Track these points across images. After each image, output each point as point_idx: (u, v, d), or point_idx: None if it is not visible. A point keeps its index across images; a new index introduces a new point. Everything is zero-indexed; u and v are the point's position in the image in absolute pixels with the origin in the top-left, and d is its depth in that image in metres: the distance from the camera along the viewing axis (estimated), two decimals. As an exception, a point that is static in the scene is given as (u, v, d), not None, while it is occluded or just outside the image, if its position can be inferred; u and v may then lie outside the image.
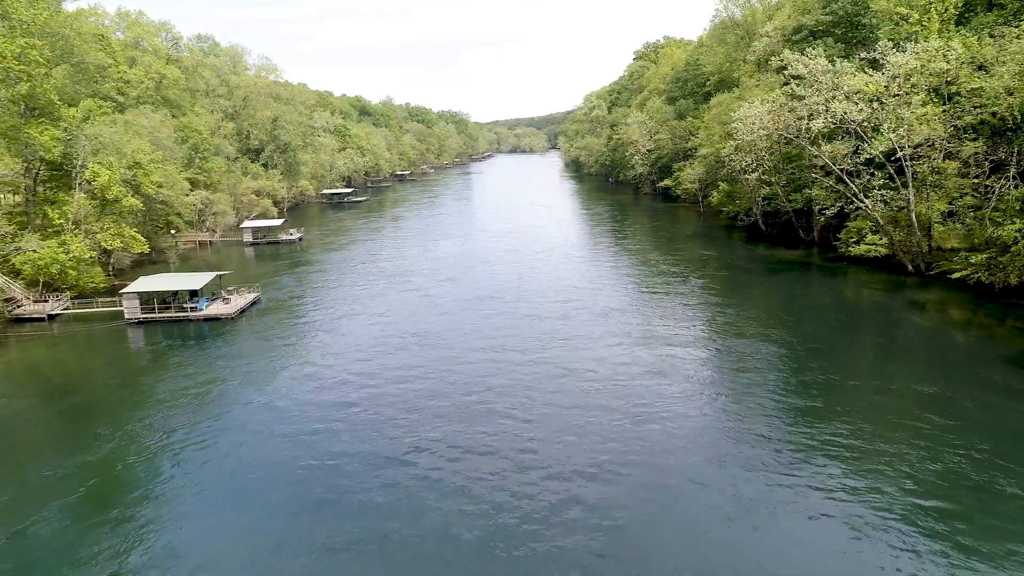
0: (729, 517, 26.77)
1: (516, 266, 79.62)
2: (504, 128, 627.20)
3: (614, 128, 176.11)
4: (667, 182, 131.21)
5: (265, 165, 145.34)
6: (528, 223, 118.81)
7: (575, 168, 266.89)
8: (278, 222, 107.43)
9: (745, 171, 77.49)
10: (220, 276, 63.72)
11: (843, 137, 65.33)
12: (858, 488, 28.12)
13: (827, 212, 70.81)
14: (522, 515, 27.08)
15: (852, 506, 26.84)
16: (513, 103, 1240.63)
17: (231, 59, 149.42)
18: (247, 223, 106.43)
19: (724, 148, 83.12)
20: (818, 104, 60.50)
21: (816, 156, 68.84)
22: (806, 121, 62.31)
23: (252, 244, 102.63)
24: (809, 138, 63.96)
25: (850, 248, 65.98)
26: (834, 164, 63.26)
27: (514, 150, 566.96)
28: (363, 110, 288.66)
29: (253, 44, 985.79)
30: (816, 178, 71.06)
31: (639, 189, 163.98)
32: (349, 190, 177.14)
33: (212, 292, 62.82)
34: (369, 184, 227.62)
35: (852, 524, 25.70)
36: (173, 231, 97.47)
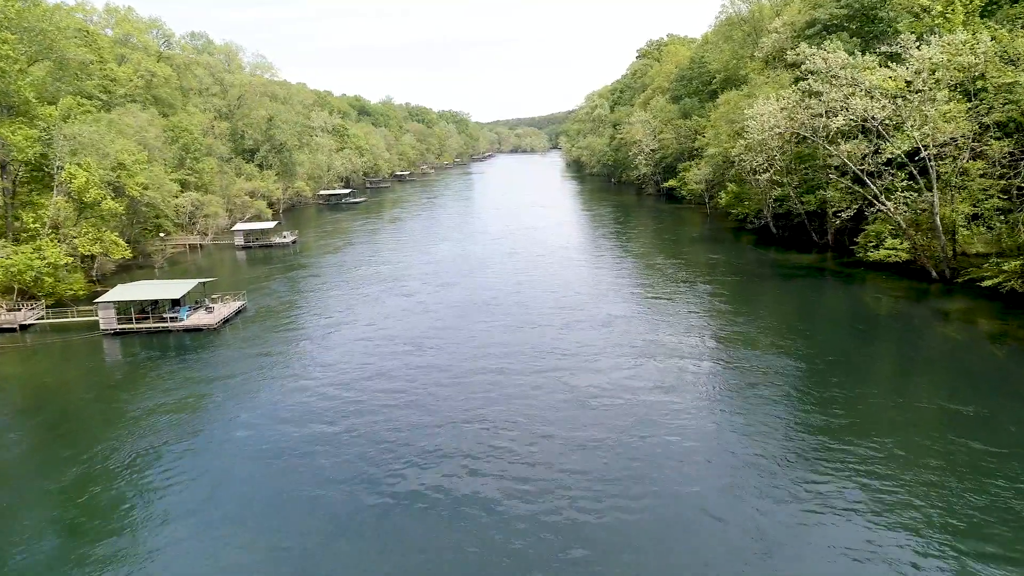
0: (749, 559, 23.64)
1: (516, 270, 76.53)
2: (505, 128, 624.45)
3: (617, 128, 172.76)
4: (672, 183, 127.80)
5: (260, 166, 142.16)
6: (529, 224, 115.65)
7: (577, 168, 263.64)
8: (270, 225, 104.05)
9: (756, 172, 74.10)
10: (204, 283, 60.39)
11: (859, 136, 62.05)
12: (891, 523, 25.06)
13: (843, 215, 67.46)
14: (521, 560, 23.81)
15: (885, 546, 23.77)
16: (514, 103, 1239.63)
17: (225, 57, 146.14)
18: (238, 226, 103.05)
19: (734, 148, 79.77)
20: (837, 101, 57.02)
21: (831, 156, 65.55)
22: (824, 119, 58.84)
23: (244, 248, 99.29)
24: (827, 137, 60.48)
25: (868, 253, 62.56)
26: (854, 164, 59.82)
27: (515, 150, 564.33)
28: (362, 110, 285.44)
29: (253, 44, 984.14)
30: (831, 179, 67.77)
31: (642, 190, 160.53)
32: (347, 191, 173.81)
33: (196, 300, 59.53)
34: (368, 185, 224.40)
35: (886, 567, 22.50)
36: (162, 234, 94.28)
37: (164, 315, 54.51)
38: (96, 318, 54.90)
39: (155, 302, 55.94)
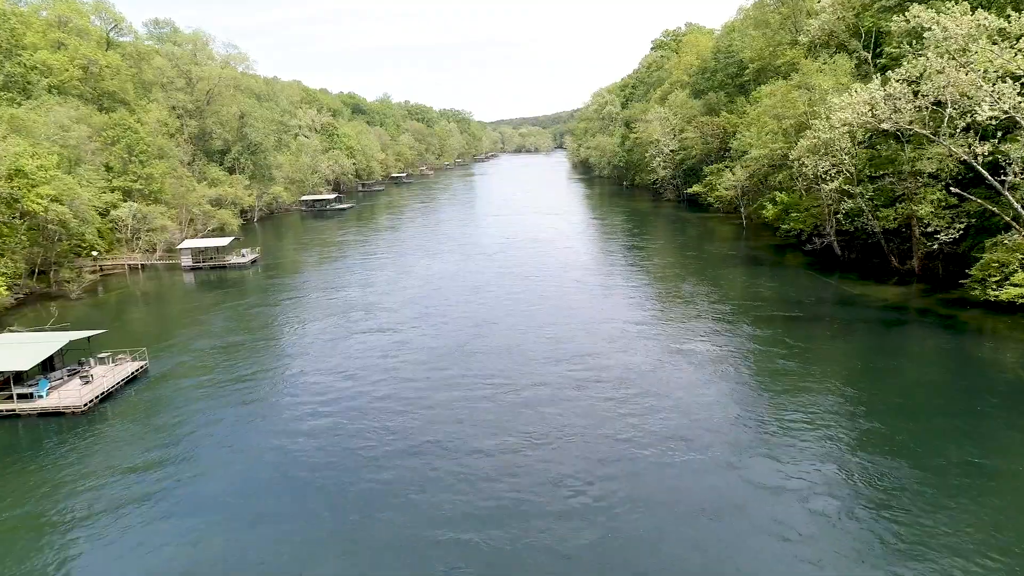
0: None
1: (512, 298, 61.67)
2: (509, 127, 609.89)
3: (630, 126, 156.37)
4: (696, 188, 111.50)
5: (231, 169, 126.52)
6: (531, 236, 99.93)
7: (584, 169, 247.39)
8: (225, 241, 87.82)
9: (821, 179, 58.07)
10: (89, 338, 44.43)
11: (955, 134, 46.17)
12: None
13: (941, 236, 51.69)
14: None
15: None
16: (518, 102, 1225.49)
17: (193, 47, 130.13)
18: (185, 243, 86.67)
19: (786, 149, 63.78)
20: (972, 84, 40.77)
21: (919, 159, 49.99)
22: (949, 109, 42.75)
23: (192, 269, 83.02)
24: (951, 133, 44.34)
25: (990, 290, 46.31)
26: (997, 173, 43.60)
27: (519, 150, 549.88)
28: (357, 108, 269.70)
29: (254, 47, 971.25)
30: (922, 188, 51.97)
31: (660, 195, 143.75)
32: (332, 196, 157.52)
33: (79, 360, 43.71)
34: (360, 188, 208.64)
35: None
36: (95, 254, 78.70)
37: (11, 393, 38.34)
38: (-71, 390, 38.98)
39: (17, 373, 39.66)
